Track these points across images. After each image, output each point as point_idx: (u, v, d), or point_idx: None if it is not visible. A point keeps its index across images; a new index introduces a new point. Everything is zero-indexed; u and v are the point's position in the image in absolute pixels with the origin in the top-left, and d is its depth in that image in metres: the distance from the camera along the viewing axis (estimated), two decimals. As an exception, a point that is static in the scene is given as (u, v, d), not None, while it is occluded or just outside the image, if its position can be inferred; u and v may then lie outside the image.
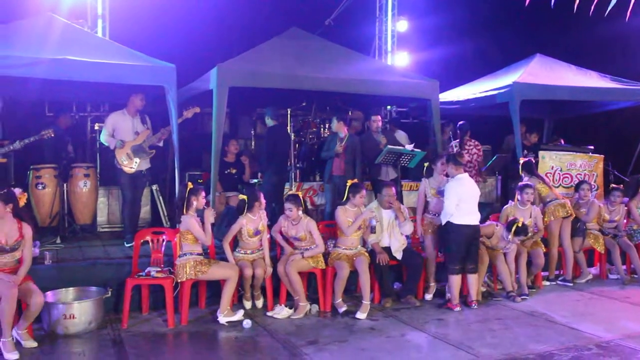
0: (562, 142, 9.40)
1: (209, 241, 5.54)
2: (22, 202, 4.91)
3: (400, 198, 7.32)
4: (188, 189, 5.57)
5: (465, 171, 6.39)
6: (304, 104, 8.61)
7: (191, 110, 6.89)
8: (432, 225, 6.37)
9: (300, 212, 5.83)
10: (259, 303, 5.92)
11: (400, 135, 8.73)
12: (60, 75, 5.97)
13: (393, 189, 6.27)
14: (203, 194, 5.66)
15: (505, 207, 6.86)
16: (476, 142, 8.37)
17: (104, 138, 6.87)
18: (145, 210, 8.03)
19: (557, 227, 6.95)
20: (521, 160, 7.25)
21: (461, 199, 5.90)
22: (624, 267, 7.49)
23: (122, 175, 6.87)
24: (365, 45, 11.32)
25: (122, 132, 6.85)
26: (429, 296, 6.33)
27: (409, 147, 7.28)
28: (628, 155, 10.07)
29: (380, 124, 7.79)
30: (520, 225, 6.08)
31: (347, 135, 7.41)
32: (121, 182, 6.96)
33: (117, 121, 6.89)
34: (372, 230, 5.94)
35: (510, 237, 6.11)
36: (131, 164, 6.83)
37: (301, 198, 5.90)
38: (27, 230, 4.83)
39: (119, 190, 7.31)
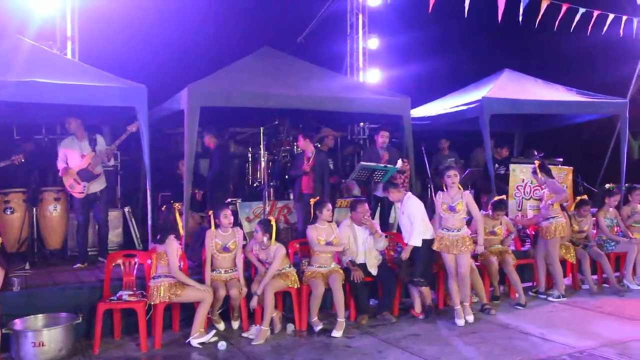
0: (536, 153, 9.56)
1: (177, 274, 5.40)
2: None
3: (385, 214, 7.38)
4: (177, 210, 5.55)
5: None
6: (276, 122, 8.62)
7: (134, 124, 6.63)
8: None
9: (266, 239, 5.77)
10: (235, 324, 5.85)
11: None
12: (28, 98, 5.89)
13: (366, 205, 6.30)
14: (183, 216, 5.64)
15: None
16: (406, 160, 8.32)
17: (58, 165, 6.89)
18: (117, 233, 7.92)
19: (556, 245, 6.86)
20: (536, 162, 7.07)
21: (423, 216, 6.11)
22: (595, 277, 7.62)
23: (74, 200, 6.89)
24: (337, 63, 11.39)
25: (71, 157, 6.85)
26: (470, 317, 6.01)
27: (399, 163, 7.32)
28: (596, 167, 10.29)
29: (387, 139, 7.76)
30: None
31: (315, 153, 7.41)
32: (73, 206, 6.99)
33: (66, 147, 6.89)
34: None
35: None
36: (80, 189, 6.79)
37: (273, 226, 5.80)
38: None
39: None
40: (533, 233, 7.30)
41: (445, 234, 6.03)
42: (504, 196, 7.35)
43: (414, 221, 6.06)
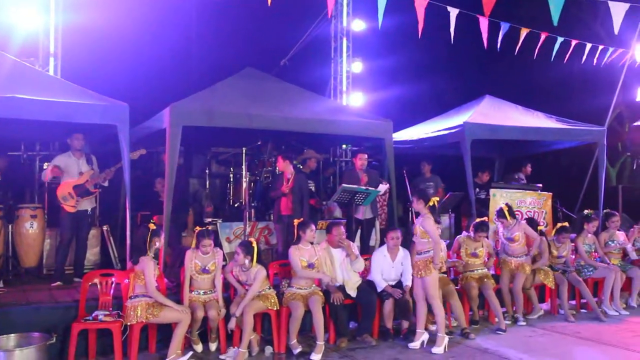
0: (522, 176, 9.67)
1: (154, 294, 5.34)
2: None
3: (352, 236, 7.37)
4: (151, 230, 5.47)
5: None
6: (259, 142, 8.62)
7: (137, 152, 6.82)
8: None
9: (248, 262, 5.71)
10: (213, 346, 5.77)
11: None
12: (9, 114, 5.80)
13: (342, 228, 6.30)
14: (162, 235, 5.58)
15: (457, 237, 7.08)
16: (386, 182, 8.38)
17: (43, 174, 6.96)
18: (95, 252, 7.83)
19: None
20: (504, 207, 7.21)
21: None
22: (574, 302, 7.66)
23: (64, 213, 6.87)
24: (320, 86, 11.46)
25: (68, 172, 6.92)
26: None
27: (383, 187, 7.32)
28: (575, 192, 10.41)
29: (365, 162, 7.77)
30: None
31: (294, 174, 7.40)
32: (61, 221, 6.94)
33: (63, 161, 6.95)
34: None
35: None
36: (72, 203, 6.82)
37: (254, 248, 5.75)
38: None
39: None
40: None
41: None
42: (485, 218, 7.38)
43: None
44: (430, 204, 5.95)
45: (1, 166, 7.70)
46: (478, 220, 7.14)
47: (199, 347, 5.71)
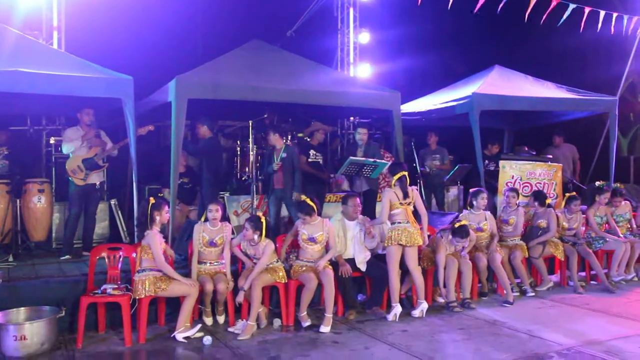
0: (526, 149, 9.56)
1: (163, 266, 5.34)
2: None
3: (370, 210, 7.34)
4: (150, 203, 5.44)
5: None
6: (265, 115, 8.53)
7: (145, 128, 6.83)
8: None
9: (257, 237, 5.70)
10: (221, 319, 5.79)
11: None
12: (13, 88, 5.79)
13: (357, 199, 6.25)
14: (166, 208, 5.54)
15: (459, 215, 7.02)
16: (390, 155, 8.32)
17: (67, 150, 6.97)
18: (103, 226, 7.86)
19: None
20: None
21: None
22: (584, 273, 7.63)
23: (72, 187, 6.91)
24: (327, 57, 11.31)
25: (77, 146, 6.95)
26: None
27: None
28: (586, 164, 10.30)
29: (365, 137, 7.68)
30: (457, 226, 6.26)
31: (284, 147, 7.31)
32: (70, 194, 6.98)
33: (73, 135, 6.96)
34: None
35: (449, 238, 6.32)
36: (81, 176, 6.87)
37: (263, 222, 5.72)
38: None
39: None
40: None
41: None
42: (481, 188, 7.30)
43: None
44: (397, 177, 6.02)
45: (3, 139, 7.64)
46: (473, 190, 7.08)
47: (209, 320, 5.73)
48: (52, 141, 8.39)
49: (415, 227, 6.01)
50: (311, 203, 5.93)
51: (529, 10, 8.60)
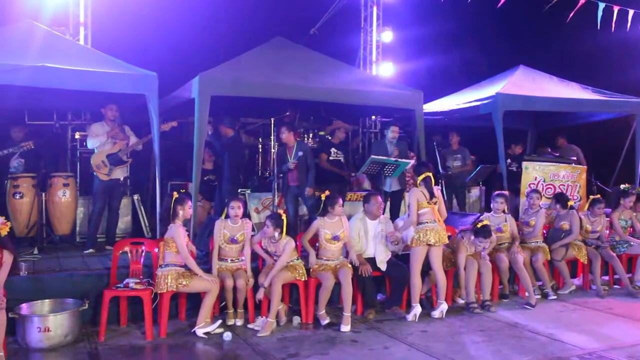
0: (549, 150, 9.46)
1: (188, 259, 5.36)
2: (3, 232, 4.54)
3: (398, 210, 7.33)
4: (173, 198, 5.47)
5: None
6: (287, 113, 8.56)
7: (168, 124, 6.91)
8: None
9: (277, 234, 5.70)
10: (240, 321, 5.70)
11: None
12: (40, 83, 5.90)
13: (379, 198, 6.23)
14: (189, 203, 5.58)
15: (481, 216, 6.97)
16: (413, 154, 8.18)
17: (92, 145, 7.07)
18: (126, 220, 7.96)
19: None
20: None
21: None
22: (607, 277, 7.52)
23: (97, 182, 7.02)
24: (350, 55, 11.31)
25: (102, 141, 7.04)
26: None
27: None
28: (611, 166, 10.15)
29: (397, 135, 7.68)
30: (479, 226, 6.19)
31: (296, 144, 7.31)
32: (94, 189, 7.09)
33: (97, 130, 7.08)
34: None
35: (471, 238, 6.26)
36: (105, 171, 6.96)
37: (284, 220, 5.73)
38: (8, 257, 4.54)
39: (99, 199, 7.23)
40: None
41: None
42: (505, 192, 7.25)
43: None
44: (422, 177, 6.00)
45: (21, 136, 7.58)
46: (496, 192, 7.04)
47: (232, 320, 5.67)
48: (77, 136, 8.51)
49: (442, 225, 6.03)
50: (331, 195, 5.99)
51: (549, 5, 8.46)
